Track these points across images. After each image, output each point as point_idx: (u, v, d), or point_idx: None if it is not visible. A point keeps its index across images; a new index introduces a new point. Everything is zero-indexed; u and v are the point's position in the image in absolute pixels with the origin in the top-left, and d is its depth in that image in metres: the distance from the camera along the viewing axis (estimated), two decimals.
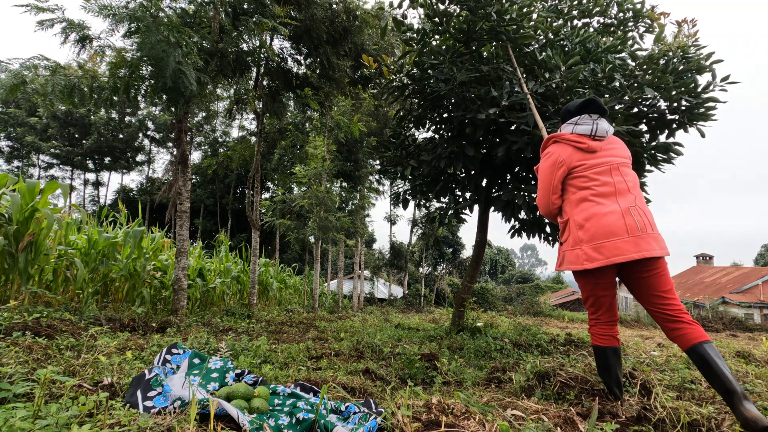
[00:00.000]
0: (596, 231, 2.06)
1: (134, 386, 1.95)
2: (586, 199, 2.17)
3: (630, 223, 2.02)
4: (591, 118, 2.27)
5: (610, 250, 2.01)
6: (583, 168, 2.22)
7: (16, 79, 4.56)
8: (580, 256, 2.12)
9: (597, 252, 2.04)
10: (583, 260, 2.10)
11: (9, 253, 4.23)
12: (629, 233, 2.00)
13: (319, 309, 12.27)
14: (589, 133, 2.25)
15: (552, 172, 2.30)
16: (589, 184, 2.19)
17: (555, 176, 2.29)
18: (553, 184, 2.30)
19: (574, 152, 2.25)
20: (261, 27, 5.92)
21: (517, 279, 50.99)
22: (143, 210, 25.03)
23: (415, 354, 3.48)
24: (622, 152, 2.27)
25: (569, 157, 2.25)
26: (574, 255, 2.16)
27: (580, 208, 2.18)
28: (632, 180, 2.21)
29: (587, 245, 2.08)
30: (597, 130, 2.24)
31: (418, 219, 23.20)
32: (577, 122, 2.30)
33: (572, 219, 2.20)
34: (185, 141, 5.73)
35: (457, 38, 4.94)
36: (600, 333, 2.21)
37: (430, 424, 1.63)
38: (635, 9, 5.32)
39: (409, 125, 6.15)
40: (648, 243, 1.99)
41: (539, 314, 17.79)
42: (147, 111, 29.67)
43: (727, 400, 1.71)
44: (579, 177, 2.23)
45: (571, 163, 2.25)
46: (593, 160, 2.21)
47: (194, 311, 7.24)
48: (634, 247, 1.98)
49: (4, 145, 28.44)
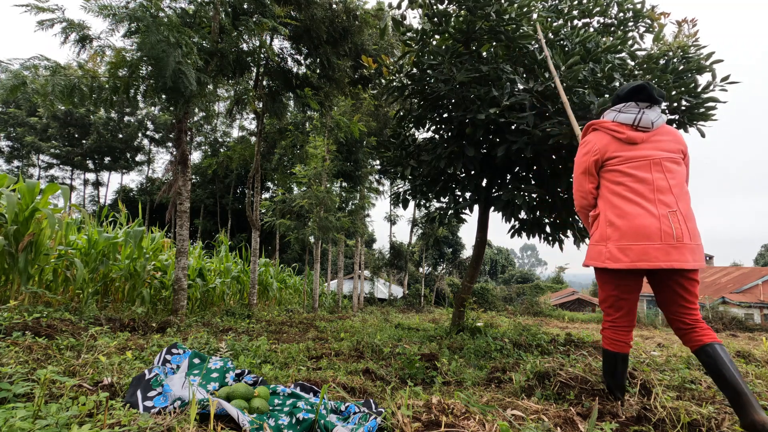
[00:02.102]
0: (626, 231, 1.92)
1: (134, 386, 1.95)
2: (619, 195, 2.00)
3: (665, 229, 1.85)
4: (637, 107, 2.05)
5: (637, 254, 1.88)
6: (618, 161, 2.03)
7: (16, 80, 4.56)
8: (602, 253, 2.00)
9: (622, 253, 1.92)
10: (605, 258, 1.98)
11: (9, 253, 4.23)
12: (662, 240, 1.85)
13: (319, 309, 12.27)
14: (631, 123, 2.04)
15: (585, 162, 2.14)
16: (623, 180, 2.01)
17: (587, 166, 2.13)
18: (587, 174, 2.14)
19: (611, 142, 2.07)
20: (261, 27, 5.93)
21: (517, 279, 50.98)
22: (143, 210, 25.02)
23: (415, 354, 3.48)
24: (671, 146, 2.02)
25: (605, 147, 2.07)
26: (596, 251, 2.05)
27: (611, 205, 2.02)
28: (677, 178, 1.97)
29: (613, 244, 1.96)
30: (641, 120, 2.02)
31: (418, 219, 23.20)
32: (621, 110, 2.09)
33: (603, 214, 2.05)
34: (185, 141, 5.73)
35: (456, 38, 4.93)
36: (613, 337, 2.09)
37: (430, 424, 1.63)
38: (635, 9, 5.32)
39: (409, 125, 6.15)
40: (682, 253, 1.83)
41: (539, 314, 17.79)
42: (146, 111, 29.68)
43: (734, 401, 1.68)
44: (613, 170, 2.05)
45: (605, 154, 2.07)
46: (632, 152, 2.01)
47: (194, 311, 7.24)
48: (664, 255, 1.83)
49: (4, 145, 28.45)
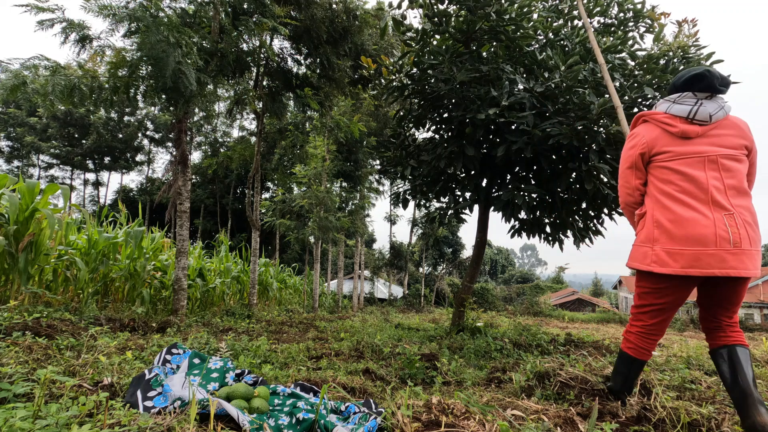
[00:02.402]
0: (677, 234, 1.76)
1: (134, 386, 1.95)
2: (669, 195, 1.83)
3: (722, 234, 1.70)
4: (695, 97, 1.87)
5: (688, 260, 1.73)
6: (668, 156, 1.86)
7: (16, 80, 4.56)
8: (648, 255, 1.85)
9: (671, 258, 1.76)
10: (651, 261, 1.83)
11: (9, 253, 4.23)
12: (717, 245, 1.70)
13: (319, 309, 12.27)
14: (685, 115, 1.85)
15: (631, 156, 1.97)
16: (672, 178, 1.84)
17: (634, 161, 1.96)
18: (633, 169, 1.98)
19: (661, 136, 1.89)
20: (261, 27, 5.92)
21: (517, 279, 51.00)
22: (143, 210, 25.03)
23: (415, 354, 3.48)
24: (732, 141, 1.82)
25: (654, 140, 1.90)
26: (642, 252, 1.89)
27: (660, 205, 1.86)
28: (735, 177, 1.78)
29: (661, 247, 1.80)
30: (697, 112, 1.83)
31: (418, 219, 23.20)
32: (676, 100, 1.90)
33: (650, 214, 1.89)
34: (185, 141, 5.73)
35: (456, 38, 4.94)
36: (638, 344, 1.97)
37: (430, 424, 1.63)
38: (635, 9, 5.32)
39: (409, 125, 6.15)
40: (740, 260, 1.69)
41: (539, 314, 17.80)
42: (146, 111, 29.70)
43: (739, 402, 1.67)
44: (662, 167, 1.87)
45: (653, 149, 1.90)
46: (684, 148, 1.83)
47: (194, 311, 7.24)
48: (718, 263, 1.69)
49: (4, 145, 28.46)
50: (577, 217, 5.60)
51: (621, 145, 4.45)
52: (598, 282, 52.91)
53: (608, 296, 44.36)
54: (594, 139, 4.43)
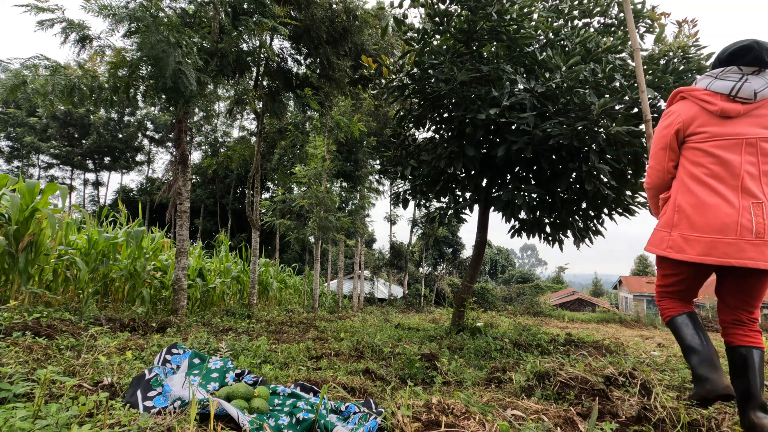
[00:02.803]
0: (696, 220, 1.68)
1: (134, 386, 1.95)
2: (696, 179, 1.72)
3: (744, 223, 1.60)
4: (740, 72, 1.70)
5: (705, 248, 1.65)
6: (703, 137, 1.72)
7: (16, 79, 4.56)
8: (665, 240, 1.78)
9: (687, 244, 1.69)
10: (666, 246, 1.77)
11: (9, 253, 4.23)
12: (738, 234, 1.60)
13: (319, 309, 12.27)
14: (727, 92, 1.69)
15: (665, 136, 1.83)
16: (703, 161, 1.71)
17: (669, 140, 1.82)
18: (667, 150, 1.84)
19: (699, 114, 1.75)
20: (261, 27, 5.92)
21: (517, 279, 50.99)
22: (143, 210, 25.03)
23: (415, 354, 3.48)
24: None
25: (690, 119, 1.76)
26: (659, 237, 1.83)
27: (685, 189, 1.75)
28: None
29: (678, 232, 1.73)
30: (741, 89, 1.67)
31: (418, 219, 23.20)
32: (718, 75, 1.75)
33: (673, 198, 1.81)
34: (185, 141, 5.73)
35: (457, 38, 4.94)
36: (671, 306, 1.88)
37: (430, 424, 1.63)
38: (636, 9, 5.32)
39: (409, 125, 6.15)
40: (761, 252, 1.58)
41: (539, 314, 17.79)
42: (146, 111, 29.70)
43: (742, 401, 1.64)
44: (694, 149, 1.75)
45: (689, 128, 1.76)
46: (722, 128, 1.69)
47: (194, 311, 7.24)
48: (736, 252, 1.60)
49: (4, 145, 28.46)
50: (577, 217, 5.60)
51: (621, 145, 4.45)
52: (598, 282, 52.92)
53: (608, 296, 44.34)
54: (594, 139, 4.43)
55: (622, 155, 4.47)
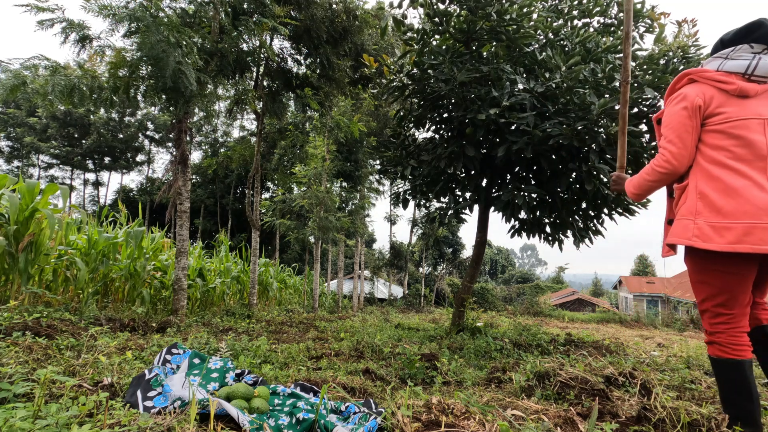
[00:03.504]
0: (724, 206, 1.57)
1: (134, 386, 1.95)
2: (718, 163, 1.62)
3: None
4: (752, 50, 1.65)
5: (737, 235, 1.53)
6: (722, 119, 1.64)
7: (16, 79, 4.56)
8: (689, 228, 1.64)
9: (716, 233, 1.56)
10: (692, 235, 1.62)
11: (9, 253, 4.23)
12: None
13: (319, 309, 12.27)
14: (743, 71, 1.64)
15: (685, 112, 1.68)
16: (725, 143, 1.62)
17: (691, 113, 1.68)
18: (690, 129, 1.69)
19: (716, 94, 1.66)
20: (261, 27, 5.92)
21: (517, 279, 50.99)
22: (143, 210, 25.03)
23: (415, 354, 3.48)
24: None
25: (709, 98, 1.67)
26: (682, 226, 1.67)
27: (706, 175, 1.65)
28: None
29: (704, 219, 1.60)
30: (757, 66, 1.62)
31: (418, 219, 23.21)
32: (729, 55, 1.69)
33: (693, 185, 1.68)
34: (185, 141, 5.73)
35: (457, 38, 4.94)
36: (732, 342, 1.62)
37: (430, 424, 1.63)
38: (635, 9, 5.32)
39: (409, 125, 6.15)
40: None
41: (539, 314, 17.79)
42: (146, 111, 29.71)
43: None
44: (714, 131, 1.65)
45: (708, 108, 1.67)
46: (741, 108, 1.62)
47: (194, 311, 7.24)
48: None
49: (4, 146, 28.47)
50: (577, 217, 5.60)
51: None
52: (598, 282, 52.91)
53: (608, 296, 44.33)
54: (594, 139, 4.43)
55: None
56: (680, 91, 1.76)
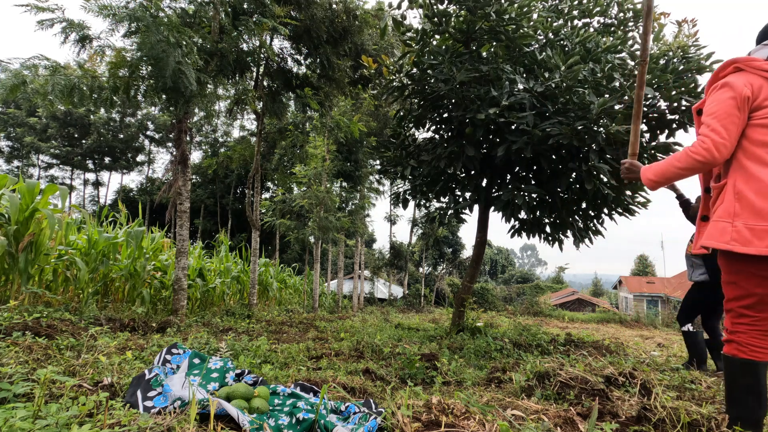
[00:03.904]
0: (763, 207, 1.47)
1: (134, 386, 1.95)
2: (760, 161, 1.52)
3: None
4: None
5: None
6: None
7: (16, 79, 4.56)
8: (727, 232, 1.55)
9: (754, 235, 1.47)
10: (730, 239, 1.53)
11: (9, 253, 4.23)
12: None
13: (319, 309, 12.27)
14: None
15: (733, 101, 1.56)
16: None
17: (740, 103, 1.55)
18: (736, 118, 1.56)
19: (765, 86, 1.55)
20: (261, 27, 5.92)
21: (517, 279, 50.97)
22: (143, 210, 25.02)
23: (415, 354, 3.48)
24: None
25: (758, 89, 1.55)
26: (719, 228, 1.58)
27: (746, 173, 1.54)
28: None
29: (743, 222, 1.51)
30: None
31: (418, 219, 23.20)
32: None
33: (732, 184, 1.58)
34: (185, 141, 5.73)
35: (456, 38, 4.94)
36: (751, 343, 1.59)
37: (430, 424, 1.63)
38: (635, 9, 5.33)
39: (409, 125, 6.15)
40: None
41: (539, 314, 17.79)
42: (147, 111, 29.71)
43: None
44: (760, 126, 1.54)
45: (755, 102, 1.55)
46: None
47: (194, 311, 7.24)
48: None
49: (4, 146, 28.47)
50: (577, 217, 5.60)
51: (621, 145, 4.45)
52: (598, 282, 52.90)
53: (608, 296, 44.33)
54: (594, 139, 4.43)
55: (622, 155, 4.47)
56: (725, 80, 1.64)
